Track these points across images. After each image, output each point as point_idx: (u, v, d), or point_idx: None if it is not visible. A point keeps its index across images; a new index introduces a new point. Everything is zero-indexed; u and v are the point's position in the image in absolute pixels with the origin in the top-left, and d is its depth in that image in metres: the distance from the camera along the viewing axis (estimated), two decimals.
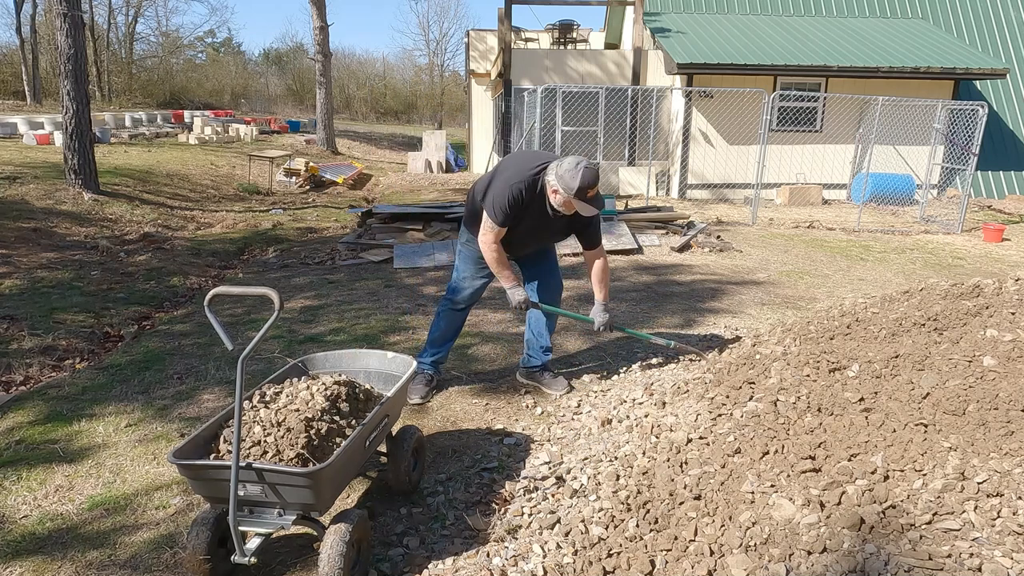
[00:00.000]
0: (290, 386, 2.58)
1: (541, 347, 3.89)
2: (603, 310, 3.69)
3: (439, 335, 3.82)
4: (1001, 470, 2.16)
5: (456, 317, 3.81)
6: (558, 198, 3.25)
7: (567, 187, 3.17)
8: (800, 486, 2.30)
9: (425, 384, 3.75)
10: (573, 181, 3.14)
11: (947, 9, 15.32)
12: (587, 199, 3.20)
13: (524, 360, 3.98)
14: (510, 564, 2.36)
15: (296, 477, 2.11)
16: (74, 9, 9.21)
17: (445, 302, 3.81)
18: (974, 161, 10.29)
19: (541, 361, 3.92)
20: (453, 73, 54.77)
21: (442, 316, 3.81)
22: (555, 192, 3.25)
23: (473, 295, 3.77)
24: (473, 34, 18.56)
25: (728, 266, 7.21)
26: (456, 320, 3.82)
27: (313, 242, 8.57)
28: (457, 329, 3.87)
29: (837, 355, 3.23)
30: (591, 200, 3.22)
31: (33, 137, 14.50)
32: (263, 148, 17.91)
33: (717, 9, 14.99)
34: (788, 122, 12.85)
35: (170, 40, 42.79)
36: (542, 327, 3.87)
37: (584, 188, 3.15)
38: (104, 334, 4.99)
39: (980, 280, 4.26)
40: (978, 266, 7.70)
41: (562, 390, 3.84)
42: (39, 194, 9.13)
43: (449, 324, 3.80)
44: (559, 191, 3.22)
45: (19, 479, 2.93)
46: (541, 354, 3.91)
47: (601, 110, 12.90)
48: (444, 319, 3.80)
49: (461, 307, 3.78)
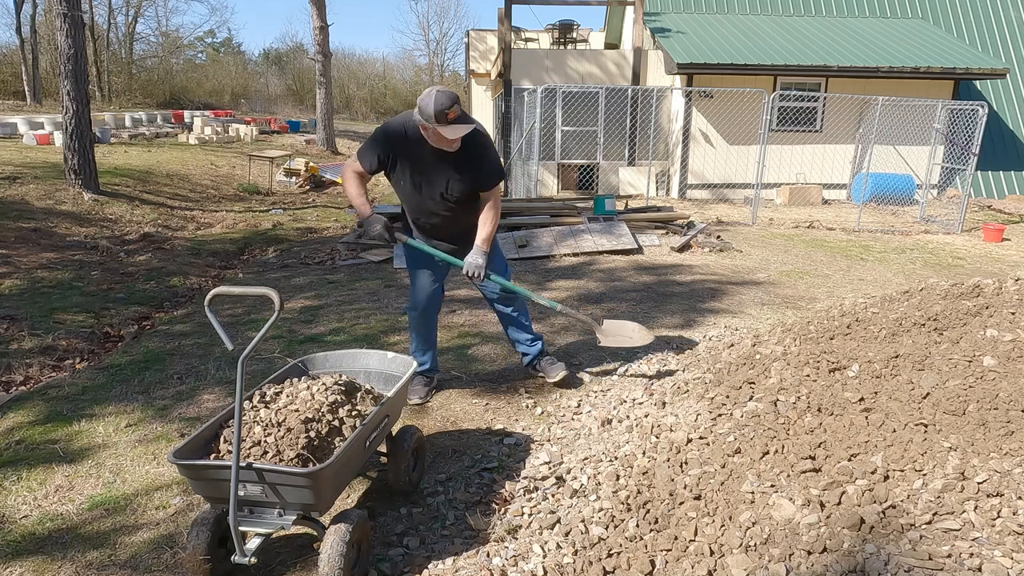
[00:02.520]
0: (290, 386, 2.58)
1: (526, 340, 3.87)
2: (478, 254, 3.39)
3: (417, 344, 3.73)
4: (1001, 470, 2.16)
5: (421, 323, 3.68)
6: (428, 133, 3.14)
7: (427, 115, 3.03)
8: (800, 486, 2.30)
9: (424, 385, 3.74)
10: (429, 107, 2.99)
11: (947, 9, 15.32)
12: (450, 121, 3.03)
13: (523, 360, 3.98)
14: (510, 564, 2.36)
15: (296, 477, 2.11)
16: (74, 9, 9.21)
17: (408, 311, 3.74)
18: (974, 161, 10.29)
19: (534, 352, 3.90)
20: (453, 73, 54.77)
21: (412, 325, 3.72)
22: (424, 128, 3.13)
23: (429, 297, 3.61)
24: (473, 34, 18.56)
25: (728, 266, 7.21)
26: (423, 325, 3.69)
27: (313, 242, 8.57)
28: (430, 334, 3.74)
29: (837, 355, 3.23)
30: (455, 121, 3.04)
31: (33, 137, 14.50)
32: (263, 148, 17.91)
33: (717, 9, 14.99)
34: (788, 122, 12.85)
35: (170, 40, 42.80)
36: (518, 321, 3.81)
37: (442, 111, 2.99)
38: (104, 334, 4.99)
39: (980, 280, 4.26)
40: (978, 266, 7.70)
41: (561, 372, 3.84)
42: (39, 194, 9.13)
43: (419, 331, 3.70)
44: (423, 124, 3.10)
45: (19, 479, 2.93)
46: (529, 346, 3.89)
47: (601, 110, 12.90)
48: (413, 327, 3.72)
49: (419, 311, 3.64)
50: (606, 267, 7.01)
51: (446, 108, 2.99)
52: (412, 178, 3.32)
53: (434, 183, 3.32)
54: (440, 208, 3.40)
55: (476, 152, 3.26)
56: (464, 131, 3.08)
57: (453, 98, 3.02)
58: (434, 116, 3.00)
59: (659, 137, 13.24)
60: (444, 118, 3.01)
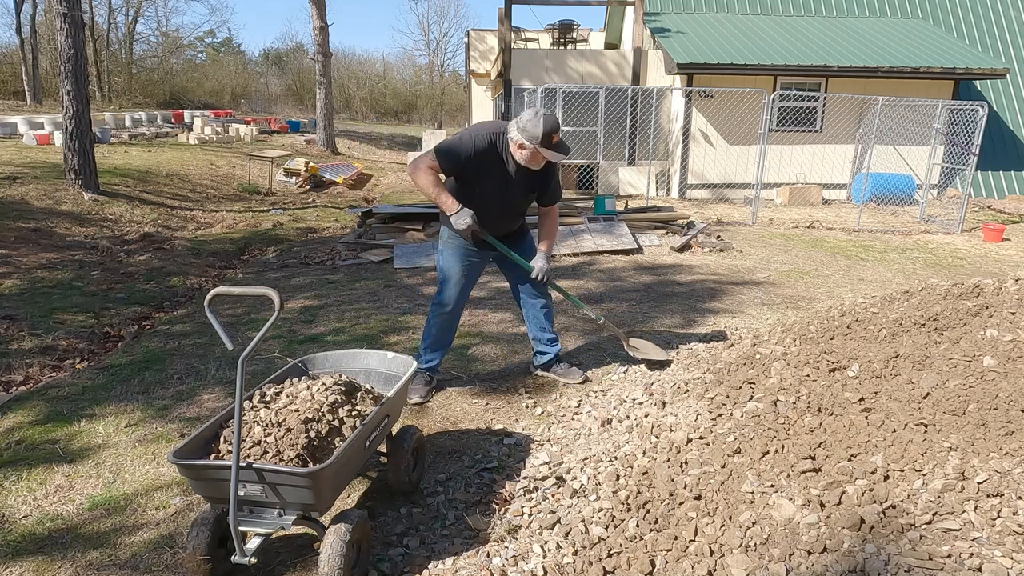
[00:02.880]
0: (290, 386, 2.58)
1: (548, 340, 3.93)
2: (543, 259, 3.66)
3: (431, 342, 3.74)
4: (1001, 470, 2.16)
5: (446, 321, 3.71)
6: (524, 152, 3.25)
7: (532, 136, 3.17)
8: (800, 486, 2.30)
9: (424, 384, 3.74)
10: (536, 129, 3.16)
11: (947, 9, 15.32)
12: (552, 145, 3.21)
13: (536, 358, 4.02)
14: (510, 564, 2.36)
15: (296, 477, 2.11)
16: (74, 9, 9.21)
17: (434, 307, 3.71)
18: (974, 161, 10.29)
19: (553, 353, 3.96)
20: (453, 73, 54.83)
21: (432, 322, 3.72)
22: (520, 147, 3.25)
23: (461, 295, 3.66)
24: (473, 34, 18.56)
25: (728, 266, 7.21)
26: (446, 324, 3.72)
27: (313, 242, 8.57)
28: (449, 334, 3.77)
29: (837, 355, 3.23)
30: (556, 146, 3.23)
31: (33, 137, 14.50)
32: (263, 148, 17.90)
33: (717, 9, 15.00)
34: (788, 122, 12.86)
35: (170, 40, 42.78)
36: (543, 321, 3.88)
37: (548, 134, 3.16)
38: (104, 334, 4.98)
39: (980, 280, 4.26)
40: (978, 266, 7.70)
41: (578, 379, 3.94)
42: (39, 194, 9.13)
43: (440, 329, 3.72)
44: (524, 144, 3.22)
45: (19, 479, 2.93)
46: (549, 346, 3.95)
47: (601, 110, 12.91)
48: (435, 325, 3.71)
49: (449, 309, 3.67)
50: (606, 267, 7.02)
51: (553, 132, 3.18)
52: (492, 187, 3.42)
53: (512, 194, 3.49)
54: (507, 213, 3.61)
55: (551, 172, 3.52)
56: (562, 157, 3.29)
57: (557, 125, 3.21)
58: (540, 138, 3.17)
59: (659, 137, 13.24)
60: (549, 141, 3.20)
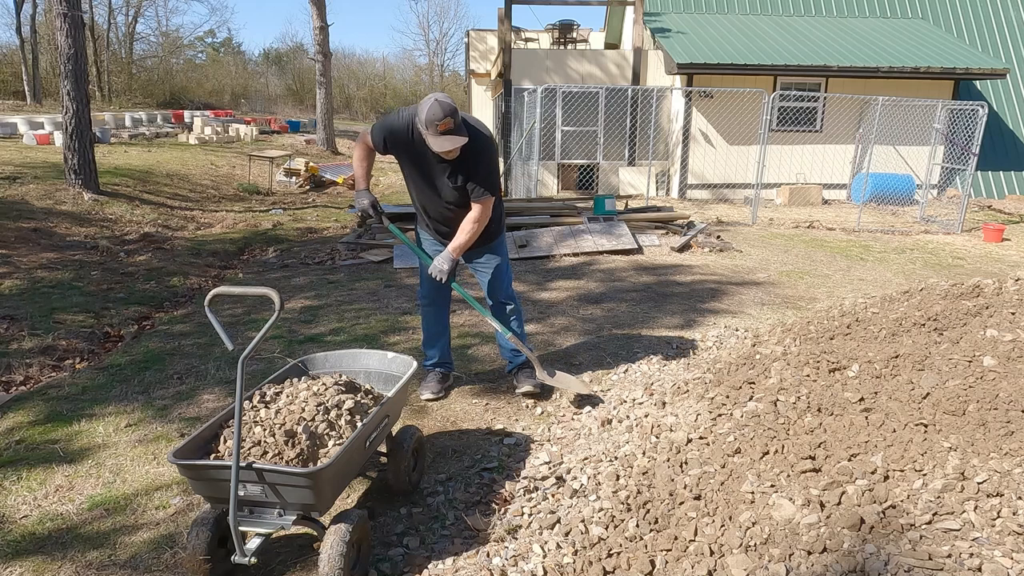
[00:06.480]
0: (290, 386, 2.58)
1: (510, 349, 3.81)
2: (445, 259, 3.37)
3: (424, 338, 3.86)
4: (1001, 470, 2.16)
5: (431, 315, 3.78)
6: (427, 140, 3.09)
7: (421, 121, 3.02)
8: (800, 486, 2.30)
9: (439, 381, 3.78)
10: (422, 114, 3.00)
11: (947, 9, 15.32)
12: (440, 132, 3.00)
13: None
14: (510, 564, 2.36)
15: (296, 477, 2.11)
16: (74, 9, 9.21)
17: (418, 302, 3.85)
18: (974, 161, 10.29)
19: (514, 363, 3.86)
20: (453, 73, 54.83)
21: (422, 318, 3.86)
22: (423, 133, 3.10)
23: (437, 288, 3.60)
24: (473, 34, 18.56)
25: (728, 266, 7.21)
26: (431, 318, 3.78)
27: (313, 242, 8.57)
28: (437, 326, 3.78)
29: (837, 355, 3.23)
30: (447, 133, 3.01)
31: (33, 137, 14.50)
32: (263, 148, 17.90)
33: (717, 9, 14.99)
34: (788, 122, 12.85)
35: (170, 40, 42.80)
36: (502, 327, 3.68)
37: (433, 120, 2.96)
38: (104, 334, 4.98)
39: (980, 280, 4.26)
40: (978, 266, 7.70)
41: (528, 386, 3.72)
42: (39, 194, 9.13)
43: (427, 323, 3.81)
44: (421, 130, 3.08)
45: (19, 479, 2.93)
46: (511, 355, 3.85)
47: (601, 110, 12.90)
48: (423, 320, 3.84)
49: (428, 303, 3.73)
50: (606, 267, 7.01)
51: (437, 120, 2.97)
52: (412, 173, 3.39)
53: (431, 183, 3.36)
54: (440, 206, 3.44)
55: (469, 165, 3.23)
56: (451, 145, 3.04)
57: (448, 110, 2.97)
58: (424, 123, 3.01)
59: (659, 137, 13.24)
60: (434, 128, 3.00)
